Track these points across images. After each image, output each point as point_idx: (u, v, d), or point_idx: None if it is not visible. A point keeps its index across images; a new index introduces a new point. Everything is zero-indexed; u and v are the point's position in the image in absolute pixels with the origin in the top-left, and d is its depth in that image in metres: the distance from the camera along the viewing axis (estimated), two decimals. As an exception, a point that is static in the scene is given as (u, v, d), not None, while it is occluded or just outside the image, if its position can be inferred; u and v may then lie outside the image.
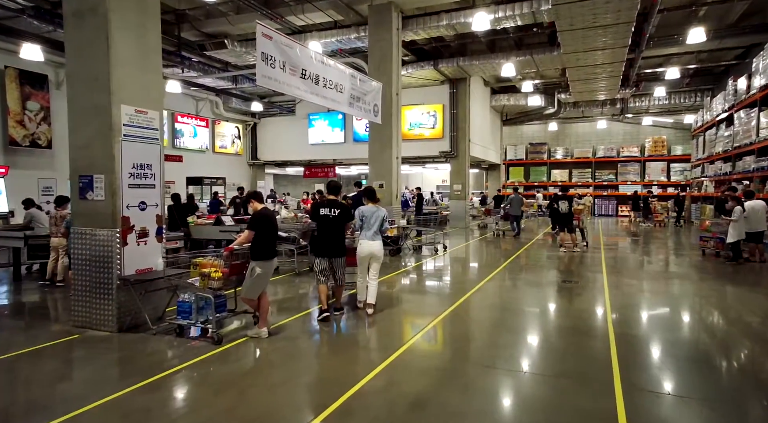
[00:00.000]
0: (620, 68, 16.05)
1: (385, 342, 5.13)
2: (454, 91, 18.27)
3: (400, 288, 7.76)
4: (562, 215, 11.13)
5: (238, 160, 21.09)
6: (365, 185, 6.75)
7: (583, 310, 6.08)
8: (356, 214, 5.91)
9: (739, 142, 14.14)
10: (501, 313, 6.12)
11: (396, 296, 7.02)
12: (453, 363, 4.36)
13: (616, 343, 4.77)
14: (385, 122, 11.66)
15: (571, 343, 4.89)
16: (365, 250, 5.83)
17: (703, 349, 4.80)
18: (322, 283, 5.69)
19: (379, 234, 5.91)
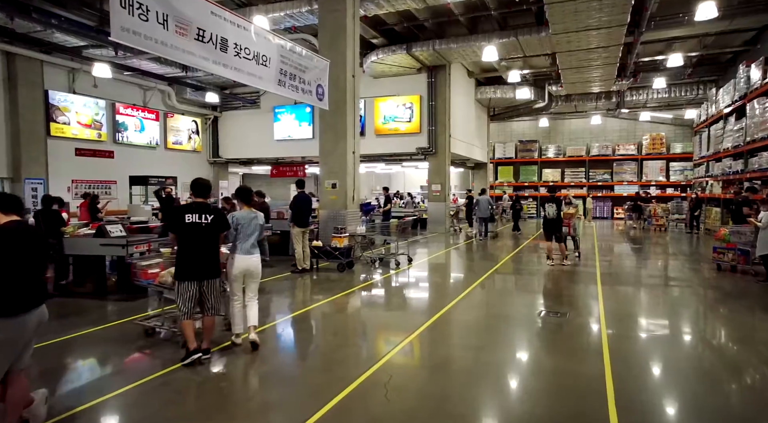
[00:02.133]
0: (617, 53, 14.25)
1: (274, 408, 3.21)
2: (433, 81, 16.39)
3: (315, 321, 5.86)
4: (549, 221, 9.27)
5: (196, 158, 19.09)
6: (240, 186, 5.08)
7: (572, 374, 4.05)
8: (230, 222, 4.63)
9: (752, 135, 12.35)
10: (441, 384, 3.88)
11: (304, 336, 5.12)
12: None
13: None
14: (338, 110, 9.76)
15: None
16: (241, 266, 4.64)
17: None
18: (187, 318, 4.23)
19: (257, 246, 4.82)
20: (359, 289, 7.36)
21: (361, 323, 5.82)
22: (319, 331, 5.41)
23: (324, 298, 6.78)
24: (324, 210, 10.00)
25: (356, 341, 5.10)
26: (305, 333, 5.35)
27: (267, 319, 5.63)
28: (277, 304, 6.56)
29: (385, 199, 12.58)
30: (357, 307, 6.51)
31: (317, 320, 5.84)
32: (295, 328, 5.46)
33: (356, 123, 10.14)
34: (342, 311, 6.30)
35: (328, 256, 8.66)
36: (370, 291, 7.36)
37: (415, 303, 6.64)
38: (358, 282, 7.87)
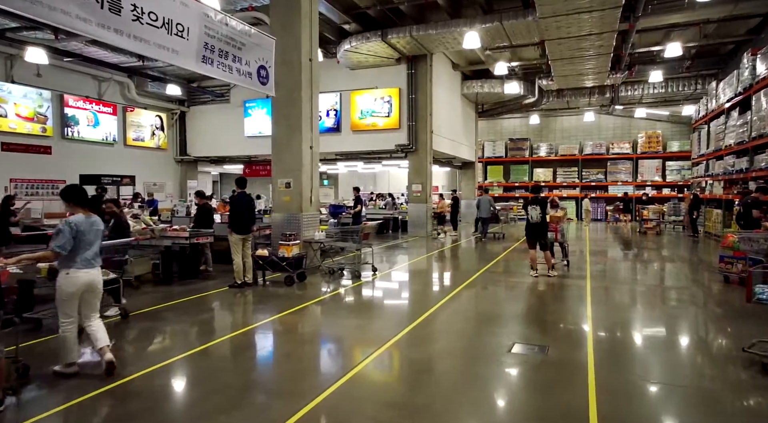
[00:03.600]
0: (611, 42, 13.08)
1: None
2: (413, 72, 15.17)
3: (229, 354, 4.61)
4: (533, 226, 8.05)
5: (160, 156, 17.76)
6: (68, 185, 4.06)
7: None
8: (64, 229, 3.76)
9: (758, 130, 11.21)
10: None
11: (206, 376, 3.86)
12: None
13: None
14: (292, 98, 8.51)
15: None
16: (81, 282, 3.84)
17: None
18: None
19: (99, 257, 4.05)
20: (297, 311, 6.10)
21: (277, 363, 4.56)
22: (215, 376, 4.14)
23: (251, 322, 5.54)
24: (278, 213, 8.74)
25: (254, 398, 3.81)
26: (206, 372, 4.09)
27: (170, 353, 4.38)
28: (193, 330, 5.31)
29: (354, 200, 11.31)
30: (283, 336, 5.26)
31: (233, 351, 4.60)
32: (199, 366, 4.20)
33: (314, 114, 8.89)
34: (263, 342, 5.05)
35: (275, 268, 7.41)
36: (308, 313, 6.10)
37: (355, 333, 5.39)
38: (302, 299, 6.62)
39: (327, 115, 16.39)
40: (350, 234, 8.29)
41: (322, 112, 16.47)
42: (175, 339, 5.06)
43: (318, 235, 8.66)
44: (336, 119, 16.28)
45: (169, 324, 5.52)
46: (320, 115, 16.45)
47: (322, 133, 16.51)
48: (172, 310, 6.08)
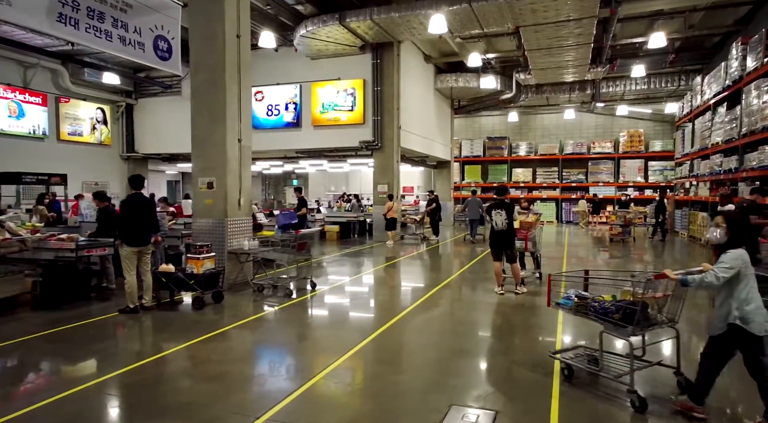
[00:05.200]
0: (591, 30, 12.00)
1: None
2: (378, 62, 13.87)
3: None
4: (497, 235, 6.82)
5: (103, 153, 16.11)
6: None
7: None
8: None
9: (749, 127, 10.21)
10: None
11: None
12: None
13: None
14: (215, 82, 7.12)
15: None
16: None
17: None
18: None
19: None
20: (188, 347, 4.73)
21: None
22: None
23: (117, 364, 4.15)
24: (201, 219, 7.33)
25: None
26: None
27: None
28: (41, 373, 3.91)
29: (298, 202, 9.91)
30: (214, 355, 3.89)
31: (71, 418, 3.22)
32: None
33: (245, 101, 7.51)
34: (132, 395, 3.68)
35: (180, 287, 6.01)
36: (202, 350, 4.73)
37: (252, 382, 4.05)
38: (201, 329, 5.24)
39: (286, 108, 15.00)
40: (286, 243, 6.93)
41: (281, 105, 15.08)
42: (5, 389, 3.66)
43: (249, 244, 7.28)
44: (296, 113, 14.90)
45: (7, 369, 4.11)
46: (278, 109, 15.09)
47: (281, 129, 15.19)
48: (22, 347, 4.65)
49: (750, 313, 2.89)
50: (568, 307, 3.71)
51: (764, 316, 2.91)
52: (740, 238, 3.05)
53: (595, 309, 3.51)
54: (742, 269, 2.95)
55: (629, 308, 3.29)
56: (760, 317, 2.90)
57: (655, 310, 3.44)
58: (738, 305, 2.93)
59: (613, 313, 3.37)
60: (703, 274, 3.04)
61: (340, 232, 14.76)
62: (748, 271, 2.98)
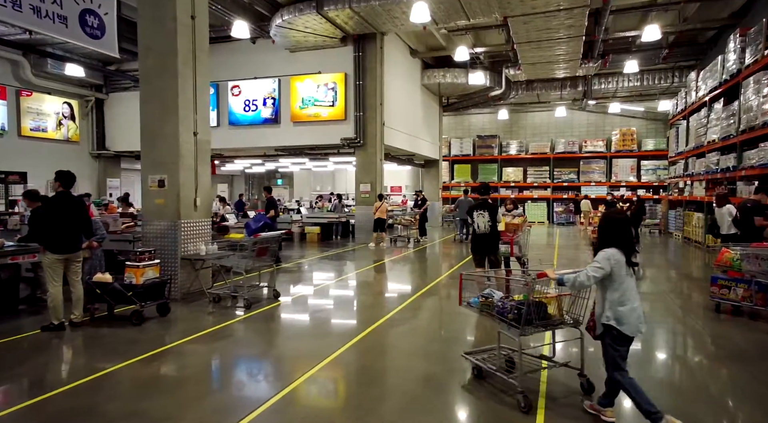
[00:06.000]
0: (582, 21, 11.41)
1: None
2: (360, 55, 13.18)
3: None
4: (479, 238, 6.15)
5: (70, 150, 15.25)
6: None
7: None
8: None
9: (749, 122, 9.66)
10: None
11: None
12: None
13: None
14: (166, 68, 6.39)
15: None
16: None
17: None
18: None
19: None
20: (118, 370, 4.01)
21: None
22: None
23: (19, 398, 3.41)
24: (151, 221, 6.59)
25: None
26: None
27: None
28: None
29: (267, 203, 9.17)
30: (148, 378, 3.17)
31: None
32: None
33: (202, 90, 6.78)
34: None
35: (116, 299, 5.26)
36: (126, 375, 4.01)
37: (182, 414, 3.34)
38: (144, 346, 4.52)
39: (264, 104, 14.26)
40: (244, 248, 6.21)
41: (258, 100, 14.34)
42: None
43: (207, 249, 6.55)
44: (274, 109, 14.16)
45: None
46: (256, 104, 14.35)
47: (259, 125, 14.45)
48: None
49: (624, 314, 2.90)
50: (476, 307, 3.68)
51: (639, 318, 2.92)
52: (613, 238, 2.99)
53: (498, 309, 3.47)
54: (615, 269, 2.92)
55: (518, 308, 3.28)
56: (635, 319, 2.90)
57: (557, 310, 3.40)
58: (611, 305, 2.95)
59: (508, 313, 3.36)
60: (577, 273, 3.02)
61: (321, 234, 14.05)
62: (622, 271, 2.93)
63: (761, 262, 5.71)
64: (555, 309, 3.40)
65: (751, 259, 5.76)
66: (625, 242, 2.97)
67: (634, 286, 2.96)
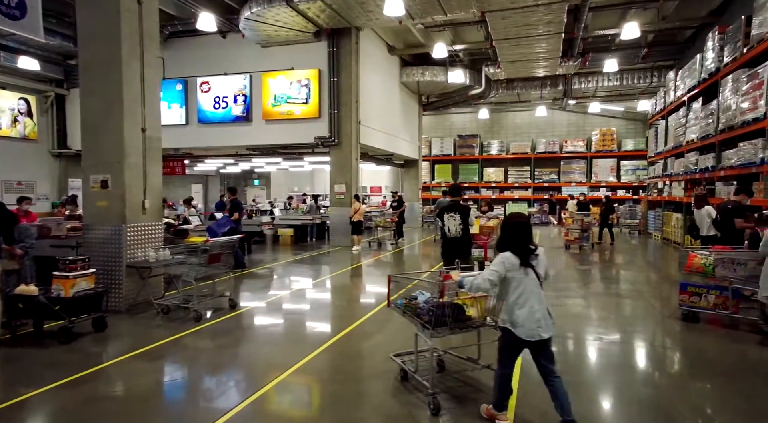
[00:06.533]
0: (561, 17, 11.14)
1: None
2: (335, 50, 12.69)
3: None
4: (450, 242, 5.74)
5: (28, 149, 14.40)
6: None
7: None
8: None
9: (728, 122, 9.49)
10: None
11: None
12: None
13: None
14: (109, 57, 5.82)
15: None
16: None
17: None
18: None
19: None
20: (32, 398, 3.47)
21: None
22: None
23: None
24: (94, 225, 6.01)
25: None
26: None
27: None
28: None
29: (230, 205, 8.61)
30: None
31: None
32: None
33: (150, 82, 6.22)
34: None
35: (41, 314, 4.69)
36: (39, 405, 3.48)
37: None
38: (68, 369, 3.98)
39: (235, 101, 13.66)
40: (193, 254, 5.68)
41: (229, 97, 13.73)
42: None
43: (158, 255, 5.99)
44: (245, 106, 13.57)
45: None
46: (226, 101, 13.73)
47: (230, 123, 13.83)
48: None
49: (519, 318, 2.87)
50: (401, 309, 3.65)
51: (536, 322, 2.86)
52: (509, 241, 2.98)
53: (417, 311, 3.43)
54: (510, 273, 2.91)
55: (433, 310, 3.26)
56: (531, 323, 2.86)
57: (479, 312, 3.38)
58: (507, 308, 2.94)
59: (424, 315, 3.34)
60: (475, 276, 3.04)
61: (294, 236, 13.52)
62: (518, 274, 2.91)
63: (737, 267, 5.42)
64: (476, 311, 3.39)
65: (727, 264, 5.46)
66: (521, 246, 2.93)
67: (534, 289, 2.90)
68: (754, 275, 5.24)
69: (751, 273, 5.32)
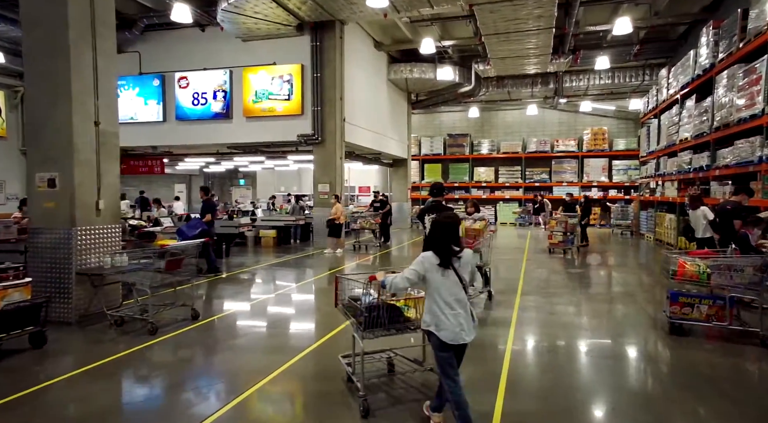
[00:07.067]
0: (552, 11, 10.78)
1: None
2: (318, 44, 12.20)
3: None
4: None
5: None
6: None
7: None
8: None
9: (723, 119, 9.16)
10: None
11: None
12: None
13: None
14: (56, 43, 5.30)
15: None
16: None
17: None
18: None
19: None
20: None
21: None
22: None
23: None
24: (41, 229, 5.47)
25: None
26: None
27: None
28: None
29: (203, 206, 8.06)
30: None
31: None
32: None
33: (104, 72, 5.69)
34: None
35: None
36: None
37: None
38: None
39: (214, 97, 13.11)
40: (148, 260, 5.17)
41: (208, 93, 13.18)
42: None
43: (116, 260, 5.46)
44: (225, 103, 13.03)
45: None
46: (206, 97, 13.19)
47: (210, 120, 13.27)
48: None
49: (441, 320, 2.81)
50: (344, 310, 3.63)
51: (460, 325, 2.80)
52: (433, 241, 2.90)
53: (358, 312, 3.36)
54: (429, 273, 2.84)
55: (369, 311, 3.26)
56: (453, 325, 2.79)
57: (418, 313, 3.34)
58: (429, 310, 2.87)
59: (360, 316, 3.31)
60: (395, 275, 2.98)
61: (277, 238, 13.01)
62: (437, 275, 2.83)
63: (734, 274, 5.00)
64: (417, 312, 3.35)
65: (723, 271, 5.04)
66: (443, 246, 2.82)
67: (455, 291, 2.81)
68: (753, 282, 4.85)
69: (750, 280, 4.92)
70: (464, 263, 2.88)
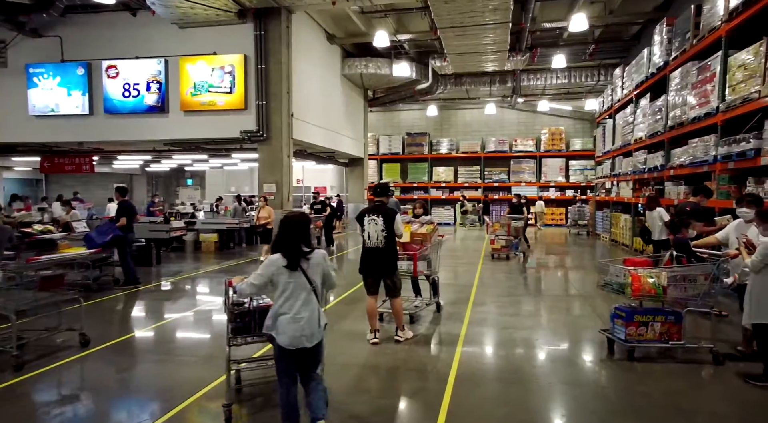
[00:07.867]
0: (508, 4, 10.32)
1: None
2: (262, 33, 11.27)
3: None
4: (370, 253, 4.62)
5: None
6: None
7: None
8: None
9: (677, 118, 9.00)
10: None
11: None
12: None
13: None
14: None
15: None
16: None
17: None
18: None
19: None
20: None
21: None
22: None
23: None
24: None
25: None
26: None
27: None
28: None
29: (118, 209, 7.01)
30: None
31: None
32: None
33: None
34: None
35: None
36: None
37: None
38: None
39: (148, 88, 11.90)
40: (14, 279, 4.19)
41: (141, 84, 11.96)
42: None
43: None
44: (160, 95, 11.85)
45: None
46: (138, 89, 11.98)
47: (143, 114, 11.99)
48: None
49: (281, 324, 2.68)
50: None
51: (301, 330, 2.67)
52: (280, 242, 2.76)
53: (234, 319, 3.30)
54: (275, 276, 2.71)
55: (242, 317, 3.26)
56: (293, 330, 2.66)
57: None
58: (272, 314, 2.74)
59: (232, 322, 3.28)
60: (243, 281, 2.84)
61: (219, 243, 11.98)
62: (285, 278, 2.71)
63: (688, 286, 4.56)
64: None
65: (680, 283, 4.57)
66: (291, 247, 2.70)
67: (302, 294, 2.71)
68: (706, 293, 4.40)
69: (706, 291, 4.44)
70: (314, 264, 2.75)
